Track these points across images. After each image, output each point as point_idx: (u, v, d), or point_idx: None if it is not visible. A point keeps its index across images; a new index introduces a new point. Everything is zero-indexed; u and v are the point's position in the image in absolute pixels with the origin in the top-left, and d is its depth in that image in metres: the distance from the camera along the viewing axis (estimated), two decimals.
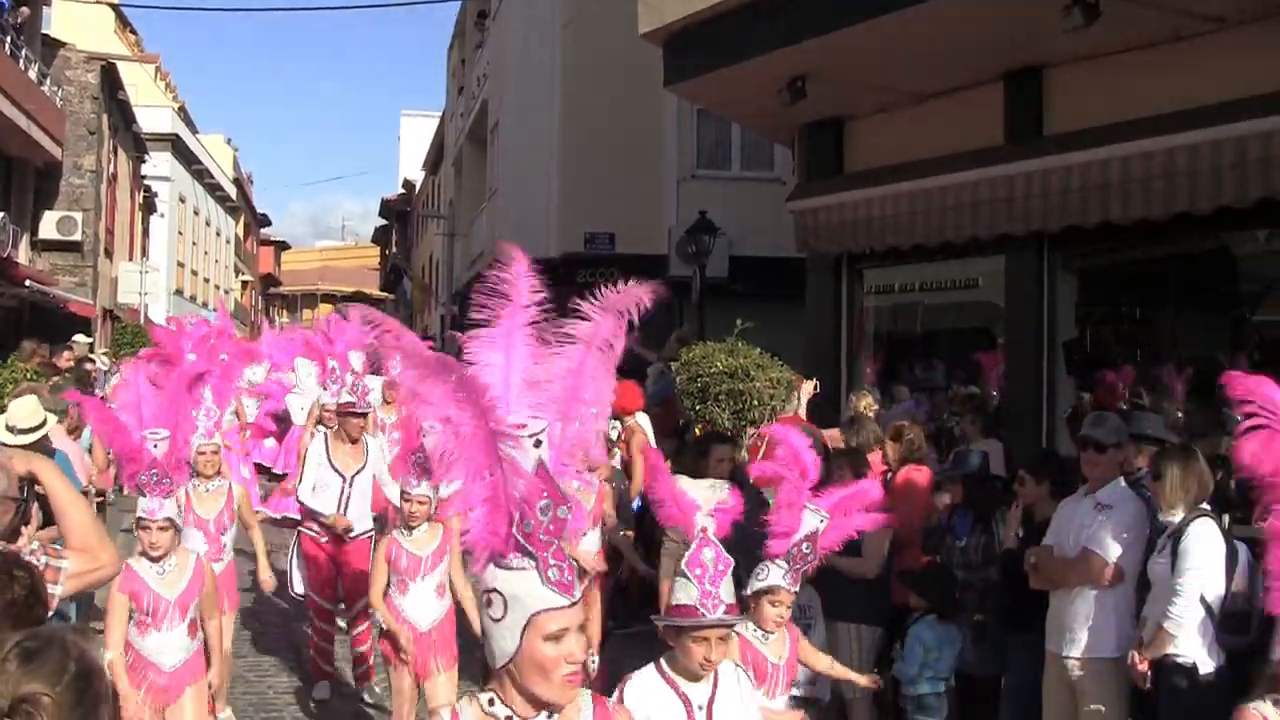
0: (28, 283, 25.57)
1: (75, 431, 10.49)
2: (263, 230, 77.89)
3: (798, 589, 5.53)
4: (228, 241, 60.40)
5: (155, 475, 6.58)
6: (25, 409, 8.29)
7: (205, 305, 47.68)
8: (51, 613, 3.83)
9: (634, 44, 13.68)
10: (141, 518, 6.51)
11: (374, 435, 10.61)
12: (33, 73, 26.13)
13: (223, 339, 17.05)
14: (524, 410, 3.00)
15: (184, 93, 60.46)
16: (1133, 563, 6.83)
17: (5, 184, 27.17)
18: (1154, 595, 6.65)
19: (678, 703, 4.27)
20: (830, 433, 9.95)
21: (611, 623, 9.81)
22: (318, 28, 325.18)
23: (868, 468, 8.29)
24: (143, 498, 6.54)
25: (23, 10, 25.84)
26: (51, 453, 8.05)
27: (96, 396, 11.23)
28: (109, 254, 34.31)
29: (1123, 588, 6.87)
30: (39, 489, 4.35)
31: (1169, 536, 6.56)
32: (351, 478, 9.56)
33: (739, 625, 5.09)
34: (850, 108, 13.03)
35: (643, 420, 11.40)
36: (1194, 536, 6.43)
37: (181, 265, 47.75)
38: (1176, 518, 6.54)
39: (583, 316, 3.17)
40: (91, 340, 26.14)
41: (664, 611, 4.42)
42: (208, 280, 53.79)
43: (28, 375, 11.96)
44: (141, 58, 45.38)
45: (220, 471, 8.77)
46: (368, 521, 9.70)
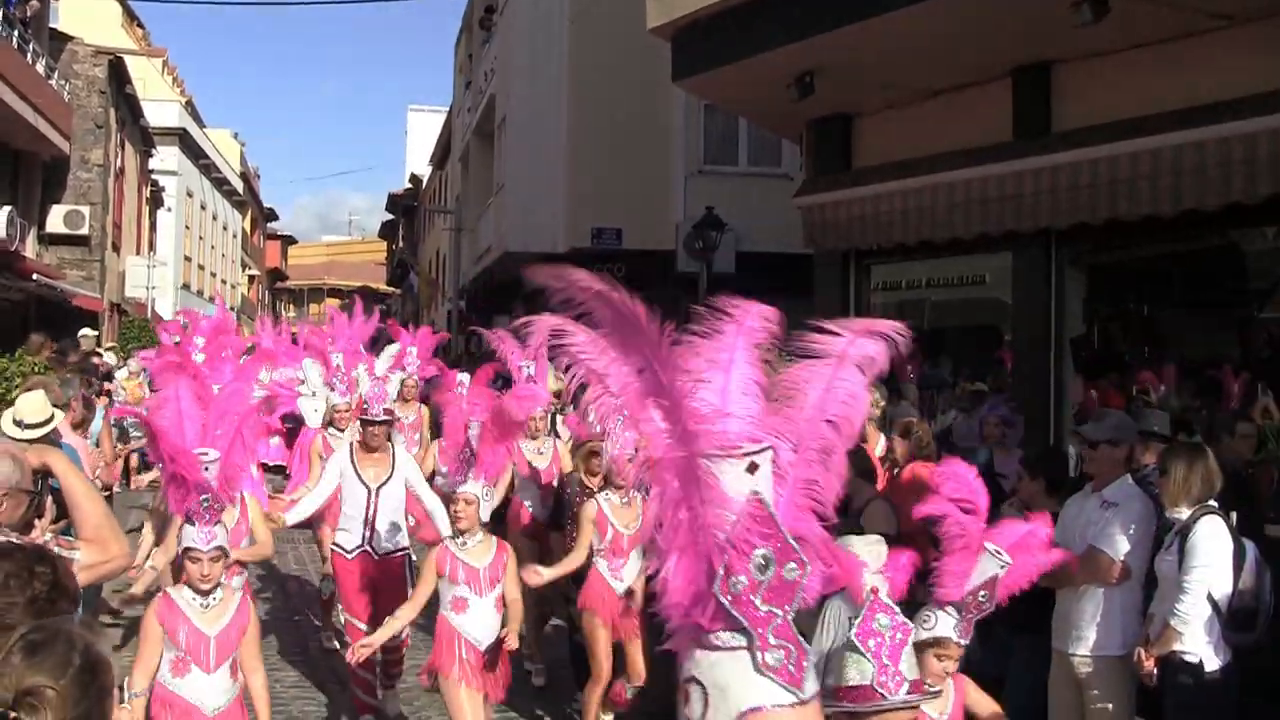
0: (35, 276, 25.62)
1: (81, 426, 10.47)
2: (269, 225, 78.02)
3: (967, 641, 4.80)
4: (234, 236, 60.52)
5: (207, 501, 5.81)
6: (33, 404, 8.25)
7: (211, 300, 47.64)
8: None
9: (642, 39, 13.66)
10: (191, 548, 5.76)
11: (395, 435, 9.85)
12: (40, 66, 26.14)
13: (225, 336, 16.86)
14: (743, 427, 2.32)
15: (191, 87, 60.57)
16: (1140, 560, 6.80)
17: (13, 178, 27.20)
18: (1161, 592, 6.63)
19: None
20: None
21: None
22: (325, 23, 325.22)
23: (873, 466, 8.25)
24: (190, 526, 5.78)
25: (31, 4, 25.87)
26: (58, 447, 8.02)
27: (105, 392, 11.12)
28: (116, 248, 34.35)
29: (1130, 585, 6.83)
30: (52, 481, 4.34)
31: (1176, 533, 6.54)
32: (378, 489, 8.77)
33: None
34: (859, 103, 13.01)
35: None
36: (1202, 534, 6.41)
37: (188, 260, 47.84)
38: (1182, 515, 6.52)
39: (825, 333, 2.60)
40: (98, 334, 26.16)
41: (834, 693, 3.64)
42: (214, 275, 53.87)
43: (36, 369, 11.96)
44: (149, 52, 45.48)
45: None
46: (401, 537, 8.94)
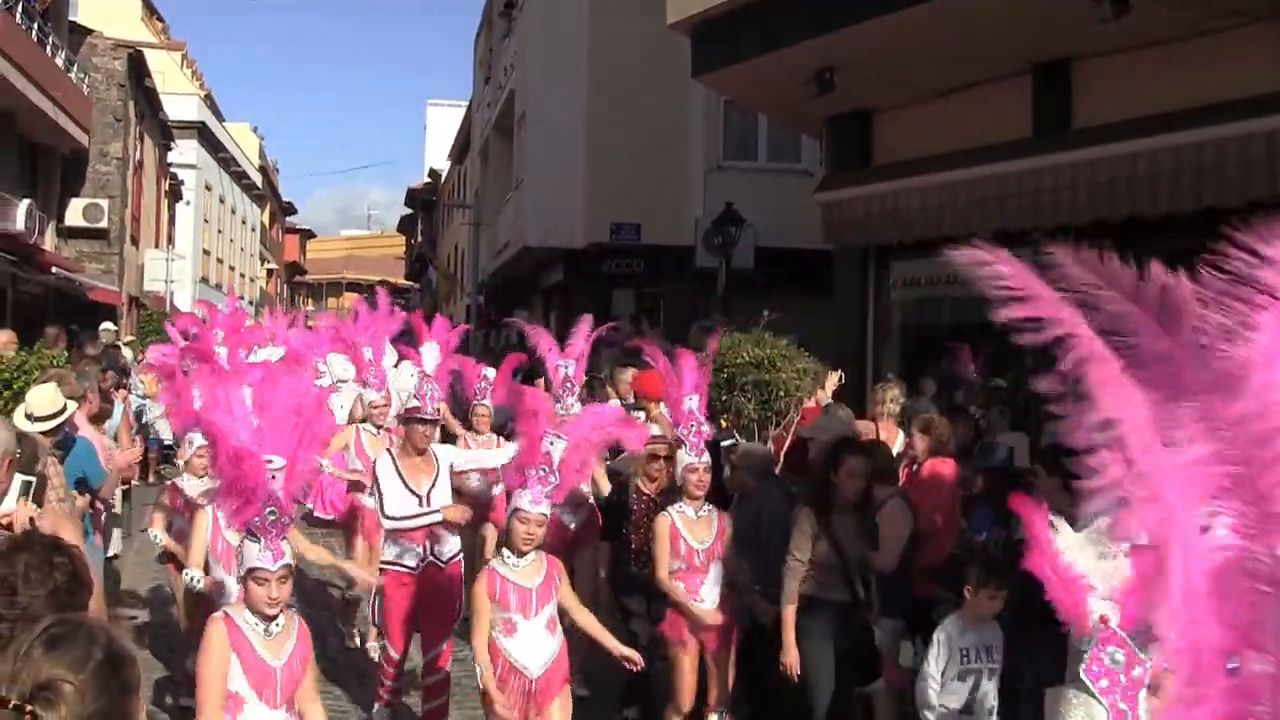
0: (54, 270, 25.73)
1: (99, 420, 10.46)
2: (288, 219, 78.23)
3: None
4: (253, 229, 60.69)
5: (274, 514, 5.15)
6: (44, 396, 8.23)
7: (230, 293, 47.90)
8: None
9: (661, 34, 13.65)
10: (258, 568, 5.04)
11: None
12: (60, 59, 26.21)
13: (243, 330, 16.68)
14: None
15: (210, 81, 60.71)
16: None
17: (32, 171, 27.29)
18: None
19: None
20: (863, 424, 9.90)
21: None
22: (344, 16, 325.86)
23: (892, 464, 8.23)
24: (253, 542, 5.11)
25: None
26: (73, 440, 8.02)
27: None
28: (135, 241, 34.46)
29: None
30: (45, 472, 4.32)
31: None
32: (427, 494, 8.13)
33: None
34: (878, 100, 12.98)
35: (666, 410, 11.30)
36: None
37: (207, 253, 47.98)
38: None
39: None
40: (117, 328, 26.24)
41: None
42: (233, 268, 54.02)
43: (54, 361, 11.97)
44: (168, 45, 45.55)
45: None
46: (455, 542, 8.41)
